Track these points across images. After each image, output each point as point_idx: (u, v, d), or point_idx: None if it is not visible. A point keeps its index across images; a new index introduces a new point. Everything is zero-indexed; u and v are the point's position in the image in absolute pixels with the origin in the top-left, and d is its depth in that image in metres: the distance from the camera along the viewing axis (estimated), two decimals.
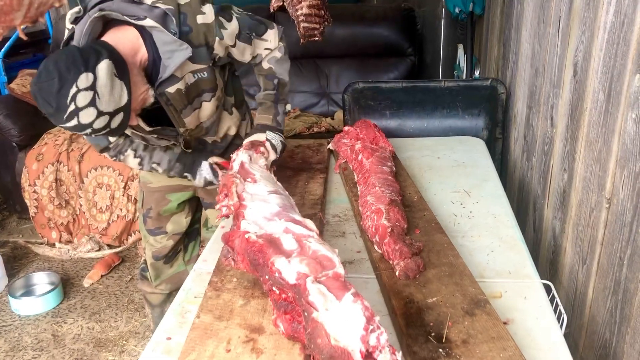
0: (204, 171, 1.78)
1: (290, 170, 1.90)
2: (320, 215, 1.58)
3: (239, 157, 1.50)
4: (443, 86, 2.49)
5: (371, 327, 0.90)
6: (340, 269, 1.02)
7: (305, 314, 0.96)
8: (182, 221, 2.06)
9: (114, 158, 1.79)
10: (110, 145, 1.77)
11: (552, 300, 1.23)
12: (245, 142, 1.66)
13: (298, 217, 1.23)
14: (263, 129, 1.73)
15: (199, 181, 1.81)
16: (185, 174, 1.81)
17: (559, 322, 1.16)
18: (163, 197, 1.98)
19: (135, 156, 1.78)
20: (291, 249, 1.08)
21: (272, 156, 1.66)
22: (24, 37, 0.84)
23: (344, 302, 0.93)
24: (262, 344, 1.04)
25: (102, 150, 1.78)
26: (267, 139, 1.69)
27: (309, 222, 1.20)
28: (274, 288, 1.07)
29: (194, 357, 1.01)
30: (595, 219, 1.47)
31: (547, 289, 1.26)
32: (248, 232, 1.16)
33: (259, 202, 1.28)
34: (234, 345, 1.04)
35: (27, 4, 0.70)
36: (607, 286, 1.40)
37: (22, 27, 0.76)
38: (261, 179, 1.41)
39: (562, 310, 1.22)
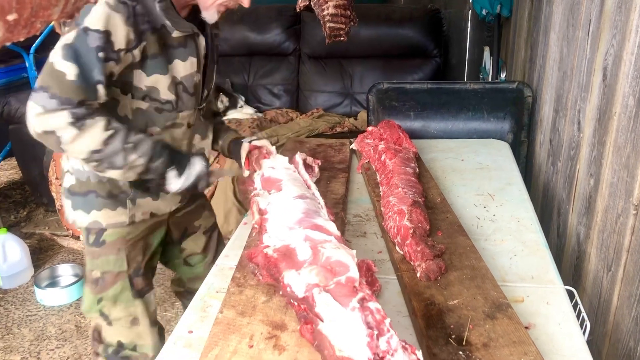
0: (197, 165, 1.47)
1: None
2: (342, 214, 1.59)
3: (261, 171, 1.52)
4: (468, 88, 2.47)
5: (376, 332, 0.90)
6: (354, 273, 1.01)
7: (315, 325, 0.97)
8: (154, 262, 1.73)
9: (76, 123, 1.24)
10: (87, 102, 1.26)
11: (575, 306, 1.22)
12: (253, 158, 1.64)
13: (321, 220, 1.23)
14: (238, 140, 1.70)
15: (183, 182, 1.45)
16: (172, 168, 1.42)
17: (581, 328, 1.14)
18: (147, 243, 1.62)
19: (106, 128, 1.28)
20: (304, 259, 1.09)
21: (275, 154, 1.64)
22: (61, 32, 0.86)
23: (347, 311, 0.93)
24: (284, 341, 1.05)
25: (79, 102, 1.24)
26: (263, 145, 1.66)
27: (331, 225, 1.20)
28: (292, 300, 1.08)
29: (217, 352, 1.02)
30: (622, 225, 1.45)
31: (570, 295, 1.25)
32: (267, 247, 1.17)
33: (282, 211, 1.30)
34: (256, 341, 1.05)
35: None
36: (633, 294, 1.38)
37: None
38: (287, 183, 1.42)
39: (585, 317, 1.21)
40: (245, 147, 1.67)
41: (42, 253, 3.31)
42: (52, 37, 3.92)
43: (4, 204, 3.92)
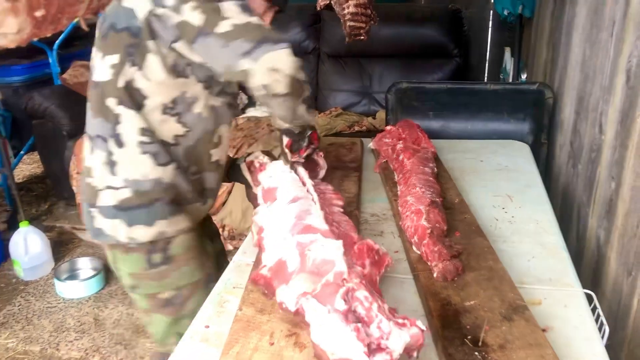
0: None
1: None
2: (357, 212, 1.59)
3: (261, 185, 1.51)
4: (488, 89, 2.45)
5: (361, 324, 0.88)
6: (340, 267, 1.00)
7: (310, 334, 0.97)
8: None
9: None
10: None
11: (593, 310, 1.20)
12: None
13: (310, 219, 1.23)
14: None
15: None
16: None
17: (600, 333, 1.13)
18: (205, 249, 1.57)
19: None
20: (293, 269, 1.09)
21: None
22: (86, 28, 0.88)
23: (330, 313, 0.92)
24: (304, 338, 1.05)
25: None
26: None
27: (318, 222, 1.20)
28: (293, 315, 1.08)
29: (238, 349, 1.02)
30: None
31: (589, 299, 1.24)
32: (264, 266, 1.17)
33: (276, 222, 1.29)
34: (277, 338, 1.05)
35: None
36: None
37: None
38: (281, 189, 1.41)
39: (604, 321, 1.19)
40: (244, 167, 1.64)
41: (62, 246, 3.36)
42: (75, 34, 3.97)
43: (26, 197, 3.98)
